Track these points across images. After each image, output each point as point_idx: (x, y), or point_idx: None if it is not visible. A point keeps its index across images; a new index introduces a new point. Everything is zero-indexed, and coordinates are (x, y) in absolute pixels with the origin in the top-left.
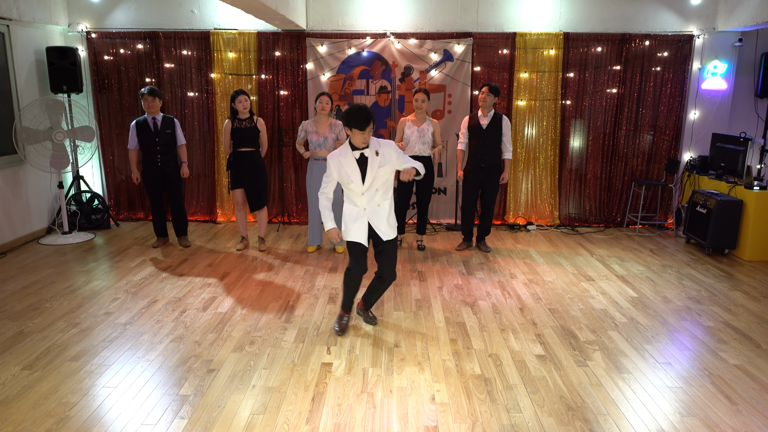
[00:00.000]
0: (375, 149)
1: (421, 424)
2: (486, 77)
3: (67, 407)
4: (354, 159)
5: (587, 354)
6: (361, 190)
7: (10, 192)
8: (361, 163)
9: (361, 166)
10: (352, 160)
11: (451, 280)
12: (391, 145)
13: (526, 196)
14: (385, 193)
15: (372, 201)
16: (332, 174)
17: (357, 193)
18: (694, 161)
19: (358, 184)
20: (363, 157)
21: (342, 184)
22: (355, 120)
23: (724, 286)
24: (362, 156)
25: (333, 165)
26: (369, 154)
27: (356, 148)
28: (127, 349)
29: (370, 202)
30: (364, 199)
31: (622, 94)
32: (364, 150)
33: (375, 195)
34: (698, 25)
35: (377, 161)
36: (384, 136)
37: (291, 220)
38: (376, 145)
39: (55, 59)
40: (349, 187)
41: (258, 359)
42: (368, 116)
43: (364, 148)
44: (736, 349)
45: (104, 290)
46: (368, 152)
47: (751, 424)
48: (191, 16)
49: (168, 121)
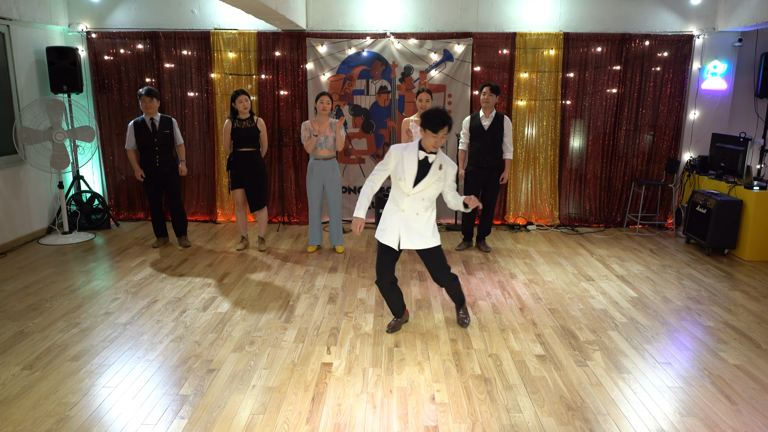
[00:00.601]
0: (440, 162)
1: (421, 424)
2: (486, 77)
3: (67, 407)
4: (417, 159)
5: (587, 354)
6: (409, 192)
7: (10, 192)
8: (421, 166)
9: (420, 169)
10: (414, 159)
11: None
12: (454, 167)
13: (526, 196)
14: (428, 206)
15: (413, 207)
16: (389, 164)
17: (403, 192)
18: (694, 161)
19: (409, 185)
20: (426, 162)
21: (393, 178)
22: (431, 121)
23: (724, 286)
24: (426, 160)
25: (394, 156)
26: (433, 162)
27: (423, 150)
28: (127, 349)
29: (410, 207)
30: (407, 202)
31: (622, 94)
32: (429, 155)
33: (419, 202)
34: (698, 25)
35: (436, 174)
36: (384, 136)
37: (291, 220)
38: (442, 159)
39: (55, 59)
40: (398, 184)
41: (258, 359)
42: (444, 120)
43: (431, 153)
44: (736, 349)
45: (104, 290)
46: (433, 159)
47: (751, 424)
48: (191, 16)
49: (166, 121)
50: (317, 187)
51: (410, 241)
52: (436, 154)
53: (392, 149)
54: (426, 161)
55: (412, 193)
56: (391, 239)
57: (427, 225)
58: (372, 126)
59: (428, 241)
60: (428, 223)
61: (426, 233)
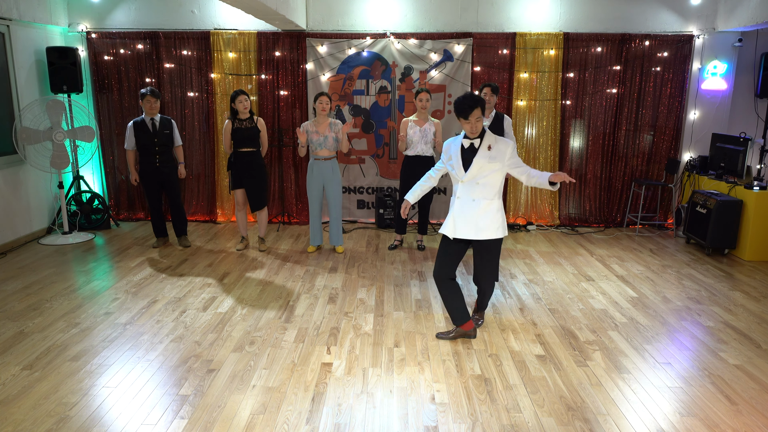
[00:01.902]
0: (489, 143)
1: (421, 424)
2: (486, 77)
3: (67, 407)
4: (462, 146)
5: (587, 354)
6: (461, 178)
7: (10, 192)
8: (468, 152)
9: (467, 155)
10: (459, 147)
11: None
12: (510, 144)
13: (526, 196)
14: (486, 191)
15: (468, 193)
16: (443, 158)
17: (457, 179)
18: (694, 161)
19: (460, 171)
20: (472, 147)
21: (449, 169)
22: (458, 108)
23: (724, 286)
24: (472, 146)
25: (445, 148)
26: (481, 145)
27: (468, 138)
28: (127, 349)
29: (465, 193)
30: (461, 188)
31: (622, 94)
32: (474, 140)
33: (474, 188)
34: (698, 25)
35: (487, 155)
36: (384, 136)
37: (291, 220)
38: (492, 140)
39: (55, 59)
40: (452, 173)
41: (258, 359)
42: (471, 104)
43: (475, 138)
44: (736, 349)
45: (104, 290)
46: (479, 143)
47: (751, 424)
48: (191, 16)
49: (166, 121)
50: (317, 187)
51: (465, 230)
52: (482, 138)
53: (445, 143)
54: (472, 147)
55: (465, 179)
56: (448, 228)
57: (486, 214)
58: (372, 126)
59: (484, 232)
60: (487, 212)
61: (483, 223)
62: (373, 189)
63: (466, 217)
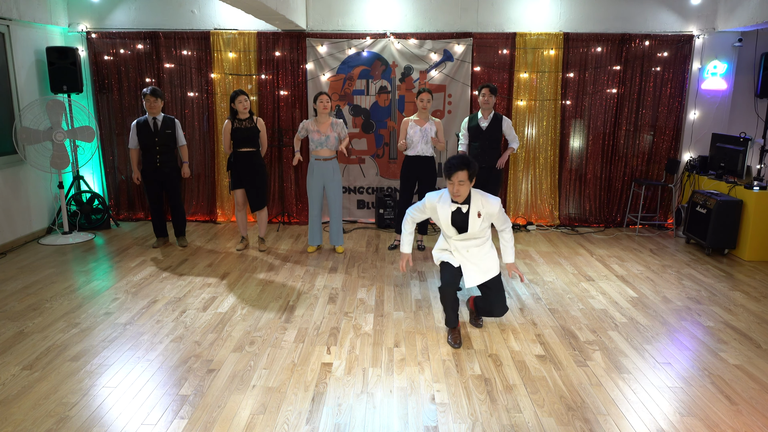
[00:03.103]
0: (477, 210)
1: (421, 424)
2: (486, 77)
3: (67, 407)
4: (450, 211)
5: (587, 354)
6: (454, 237)
7: (10, 192)
8: (456, 216)
9: (456, 218)
10: (447, 211)
11: None
12: (496, 203)
13: (526, 196)
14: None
15: (462, 247)
16: (426, 212)
17: (448, 236)
18: (694, 161)
19: (451, 233)
20: (460, 212)
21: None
22: (444, 169)
23: (724, 286)
24: (459, 210)
25: (429, 207)
26: (469, 211)
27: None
28: (127, 349)
29: (460, 247)
30: (454, 244)
31: (622, 94)
32: (462, 205)
33: (466, 242)
34: (698, 25)
35: (477, 222)
36: (384, 136)
37: (291, 220)
38: (479, 205)
39: (55, 59)
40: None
41: (258, 359)
42: (455, 164)
43: (463, 203)
44: (736, 349)
45: (104, 290)
46: (466, 209)
47: (751, 424)
48: (191, 16)
49: (168, 121)
50: (317, 188)
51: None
52: (468, 203)
53: (427, 199)
54: (460, 211)
55: (457, 239)
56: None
57: (486, 257)
58: (372, 126)
59: (485, 275)
60: (487, 255)
61: (484, 265)
62: (373, 189)
63: (469, 265)
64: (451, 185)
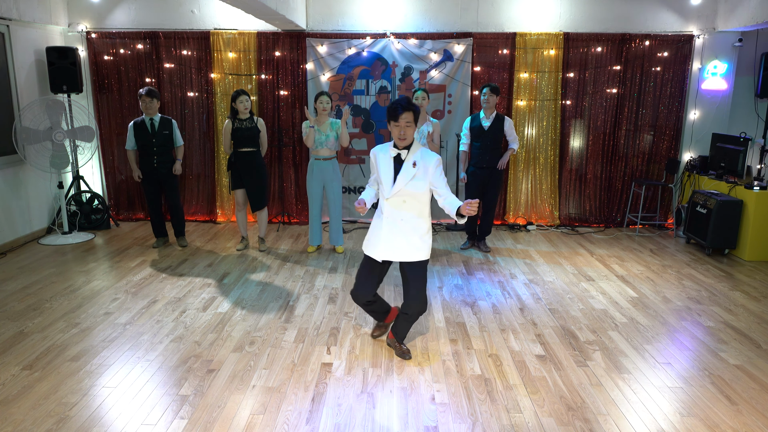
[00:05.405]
0: (414, 160)
1: (421, 424)
2: (486, 77)
3: (67, 407)
4: (390, 157)
5: (587, 354)
6: (387, 195)
7: (10, 192)
8: (396, 164)
9: (397, 168)
10: (388, 159)
11: (451, 280)
12: (435, 160)
13: (526, 196)
14: (414, 209)
15: (395, 212)
16: (372, 167)
17: (384, 196)
18: (694, 161)
19: (386, 187)
20: (399, 159)
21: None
22: (389, 109)
23: (724, 286)
24: (398, 157)
25: (372, 158)
26: (406, 158)
27: (396, 147)
28: (127, 349)
29: (392, 212)
30: (387, 206)
31: (622, 94)
32: (401, 151)
33: (401, 206)
34: (698, 25)
35: (410, 172)
36: (384, 136)
37: (291, 220)
38: (418, 156)
39: (55, 59)
40: (381, 189)
41: (258, 359)
42: (399, 105)
43: (403, 149)
44: (736, 349)
45: (104, 290)
46: (405, 156)
47: (751, 424)
48: (191, 16)
49: (165, 122)
50: (317, 187)
51: (392, 251)
52: (409, 149)
53: (372, 151)
54: (399, 158)
55: (391, 196)
56: (373, 250)
57: (414, 234)
58: (372, 126)
59: (412, 254)
60: (415, 231)
61: (411, 244)
62: None
63: (396, 235)
64: (397, 127)
